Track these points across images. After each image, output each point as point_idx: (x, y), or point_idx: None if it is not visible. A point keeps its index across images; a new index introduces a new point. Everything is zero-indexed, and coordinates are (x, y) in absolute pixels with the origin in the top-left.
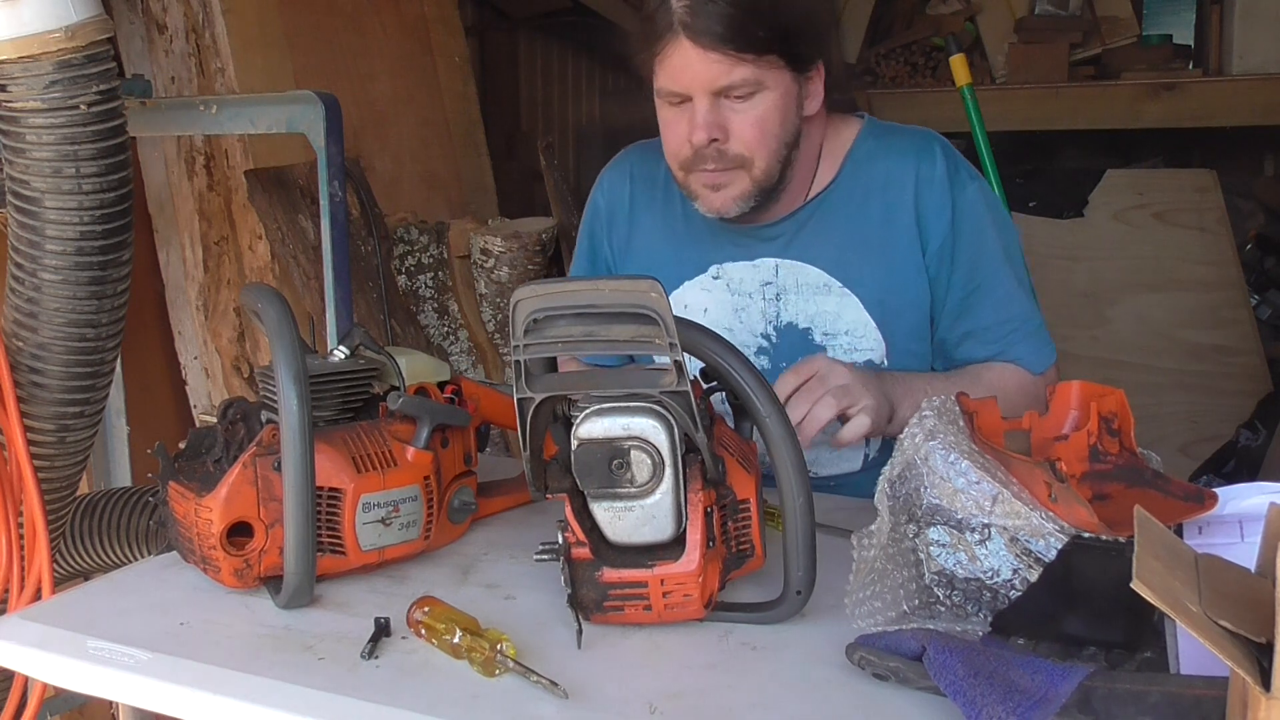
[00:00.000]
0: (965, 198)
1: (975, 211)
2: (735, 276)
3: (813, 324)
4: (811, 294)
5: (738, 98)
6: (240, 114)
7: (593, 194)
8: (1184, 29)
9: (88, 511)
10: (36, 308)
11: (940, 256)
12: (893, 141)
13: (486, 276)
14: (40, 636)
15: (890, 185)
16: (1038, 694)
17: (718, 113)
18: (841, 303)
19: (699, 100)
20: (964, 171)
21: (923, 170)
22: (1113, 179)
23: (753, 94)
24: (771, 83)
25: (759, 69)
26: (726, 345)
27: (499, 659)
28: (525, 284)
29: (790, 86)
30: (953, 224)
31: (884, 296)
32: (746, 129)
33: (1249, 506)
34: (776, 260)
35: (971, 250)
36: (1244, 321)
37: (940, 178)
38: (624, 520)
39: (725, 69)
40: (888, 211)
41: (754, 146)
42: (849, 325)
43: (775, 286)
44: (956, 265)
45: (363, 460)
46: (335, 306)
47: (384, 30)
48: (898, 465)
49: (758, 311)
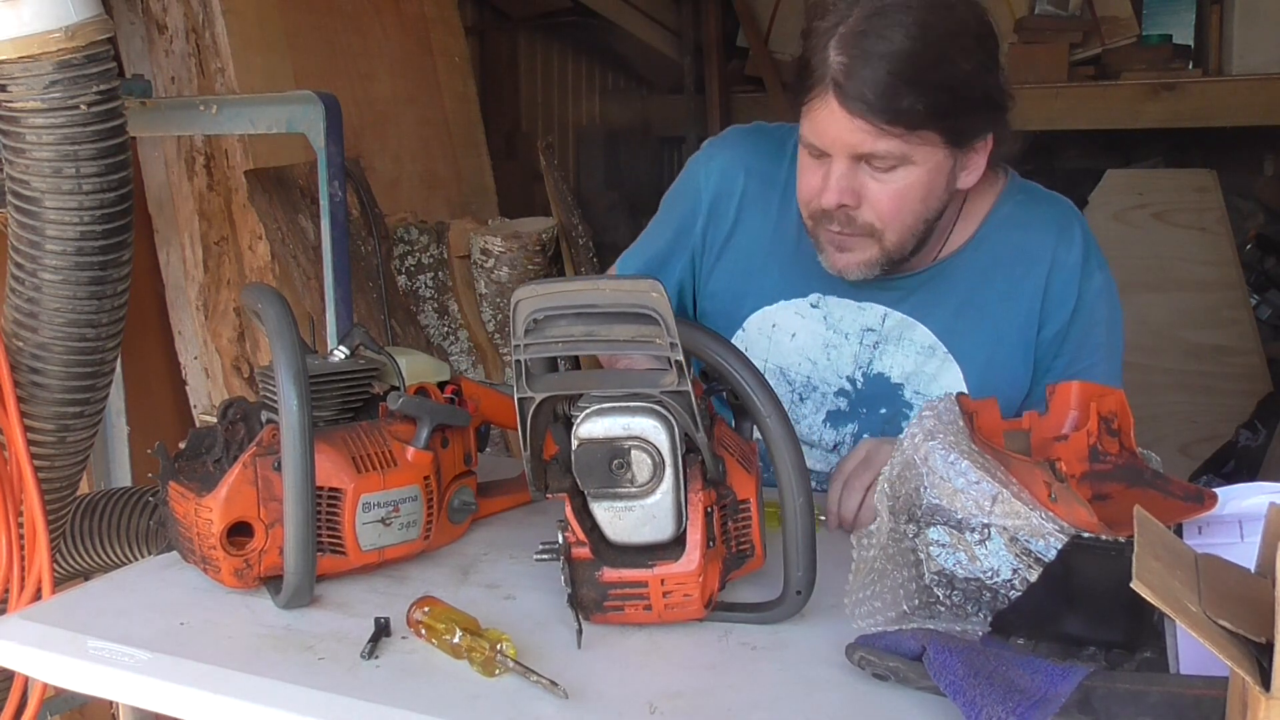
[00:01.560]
0: (1091, 289)
1: (1095, 303)
2: (836, 313)
3: (906, 380)
4: (914, 352)
5: (879, 168)
6: (240, 114)
7: (693, 169)
8: (1184, 29)
9: (88, 511)
10: (36, 308)
11: (1051, 342)
12: (1033, 211)
13: (486, 276)
14: (40, 636)
15: (1020, 260)
16: (1037, 694)
17: (855, 178)
18: (943, 367)
19: (837, 162)
20: (1094, 259)
21: (1059, 255)
22: (1113, 179)
23: (895, 167)
24: (920, 158)
25: (907, 144)
26: (727, 345)
27: (499, 659)
28: (525, 284)
29: (943, 162)
30: (1073, 314)
31: (986, 370)
32: (883, 200)
33: (1249, 506)
34: (886, 310)
35: (1079, 341)
36: (1244, 321)
37: (1074, 264)
38: (624, 520)
39: (870, 138)
40: (1012, 287)
41: (887, 219)
42: (943, 390)
43: (877, 334)
44: (1061, 354)
45: (363, 460)
46: (335, 306)
47: (384, 30)
48: (897, 465)
49: (850, 354)
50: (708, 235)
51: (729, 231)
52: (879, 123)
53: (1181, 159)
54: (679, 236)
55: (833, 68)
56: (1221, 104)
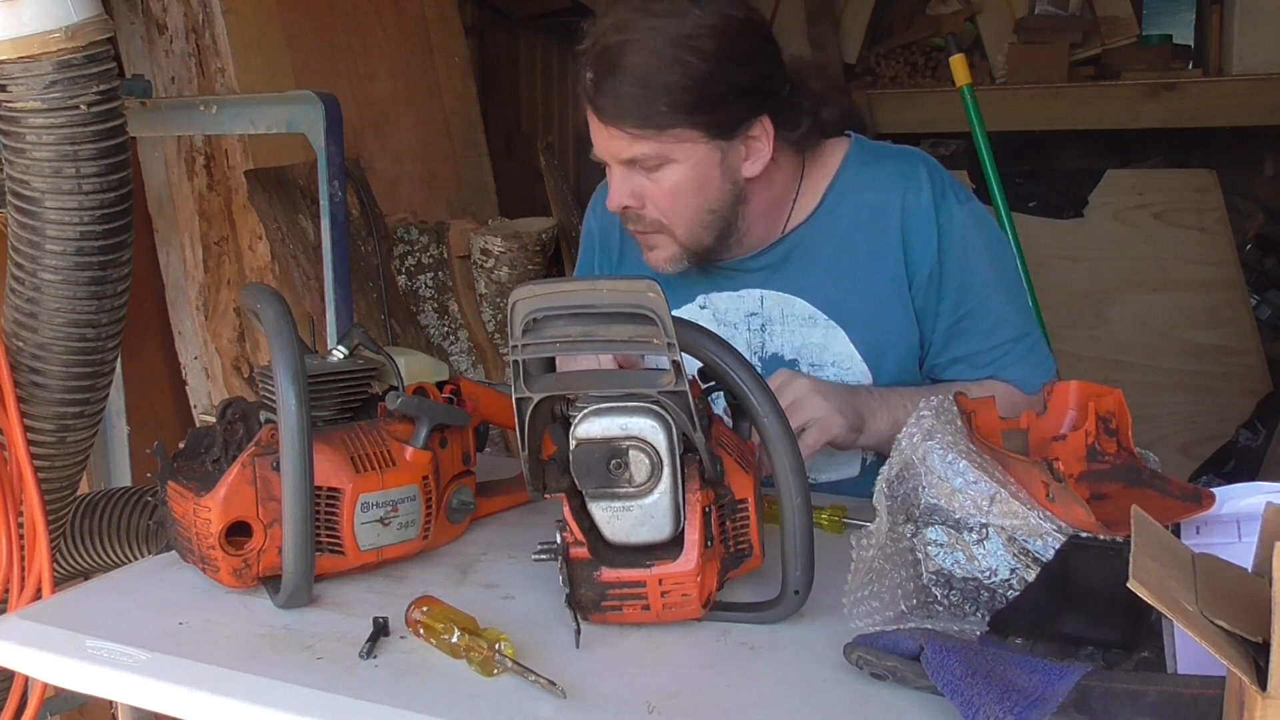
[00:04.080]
0: (953, 225)
1: (963, 238)
2: (721, 306)
3: (799, 355)
4: (798, 326)
5: (647, 168)
6: (240, 114)
7: (586, 219)
8: (1184, 29)
9: (88, 511)
10: (36, 308)
11: (927, 288)
12: (878, 169)
13: (486, 276)
14: (40, 636)
15: (876, 218)
16: (1035, 693)
17: (631, 181)
18: (828, 335)
19: (613, 168)
20: (951, 196)
21: (909, 200)
22: (1113, 179)
23: (660, 166)
24: (681, 155)
25: (662, 144)
26: (724, 345)
27: (497, 658)
28: (523, 284)
29: (708, 155)
30: (939, 254)
31: (871, 330)
32: (659, 198)
33: (1247, 506)
34: (762, 291)
35: (959, 279)
36: (1244, 321)
37: (926, 207)
38: (622, 520)
39: (625, 144)
40: (874, 244)
41: (670, 215)
42: (835, 357)
43: (760, 317)
44: (944, 295)
45: (361, 460)
46: (335, 306)
47: (384, 30)
48: (895, 465)
49: (743, 342)
50: (607, 266)
51: (618, 263)
52: (627, 128)
53: (1181, 159)
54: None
55: (587, 86)
56: (1221, 104)
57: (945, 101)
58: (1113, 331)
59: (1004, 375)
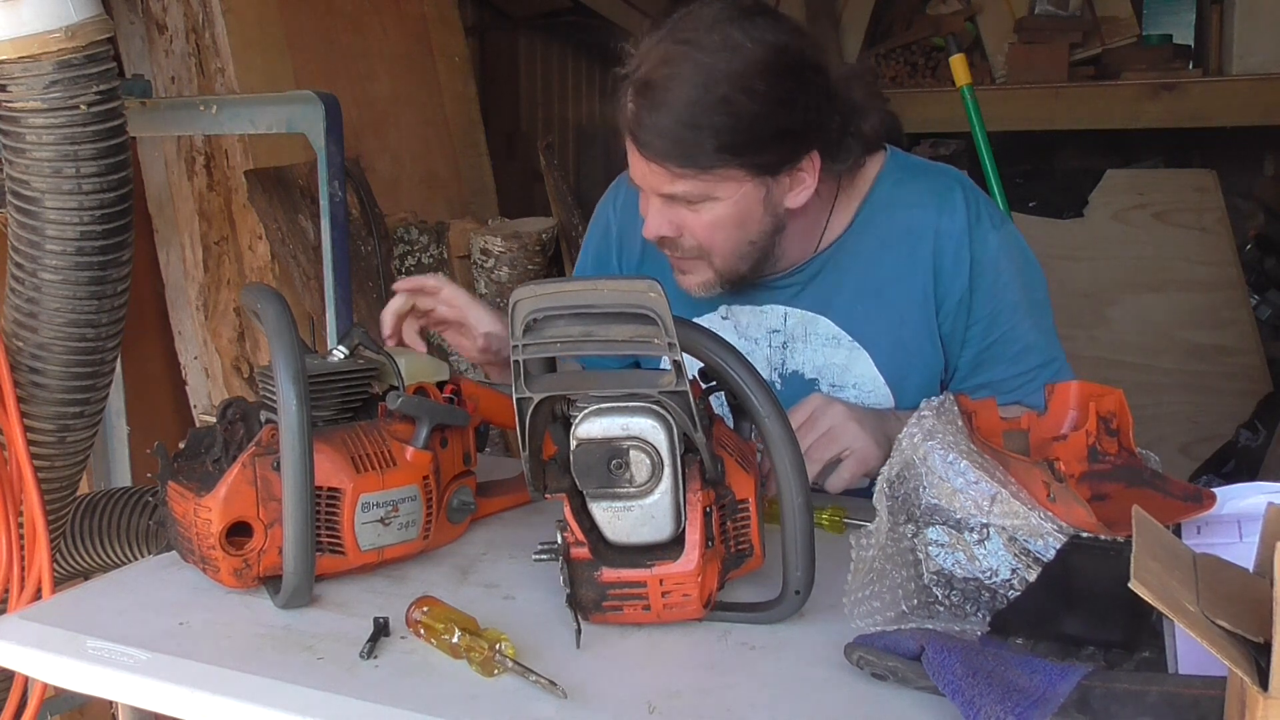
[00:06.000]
0: (986, 251)
1: (995, 265)
2: (743, 320)
3: (820, 374)
4: (820, 345)
5: (688, 201)
6: (240, 114)
7: (602, 209)
8: (1184, 29)
9: (88, 511)
10: (36, 308)
11: (956, 313)
12: (912, 187)
13: (486, 277)
14: (40, 636)
15: (907, 238)
16: (1036, 694)
17: (670, 212)
18: (851, 356)
19: (652, 198)
20: (986, 220)
21: (943, 224)
22: (1113, 179)
23: (701, 202)
24: (724, 193)
25: (705, 182)
26: (725, 345)
27: (498, 659)
28: (524, 284)
29: (752, 192)
30: (971, 280)
31: (895, 352)
32: (699, 230)
33: (1247, 506)
34: (786, 309)
35: (989, 306)
36: (1244, 321)
37: (960, 231)
38: (623, 520)
39: (666, 180)
40: (904, 265)
41: (709, 245)
42: (857, 379)
43: (783, 335)
44: (973, 321)
45: (362, 460)
46: (335, 306)
47: (384, 30)
48: (896, 465)
49: (763, 358)
50: (624, 269)
51: (638, 261)
52: (669, 167)
53: (1181, 159)
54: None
55: (628, 116)
56: (1221, 104)
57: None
58: (1113, 331)
59: (1029, 402)
